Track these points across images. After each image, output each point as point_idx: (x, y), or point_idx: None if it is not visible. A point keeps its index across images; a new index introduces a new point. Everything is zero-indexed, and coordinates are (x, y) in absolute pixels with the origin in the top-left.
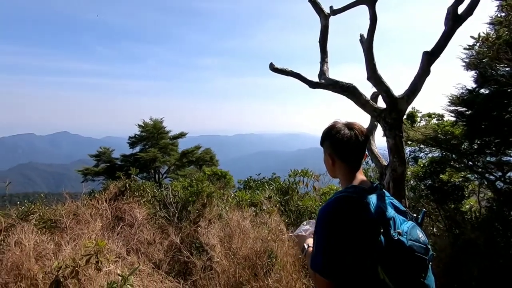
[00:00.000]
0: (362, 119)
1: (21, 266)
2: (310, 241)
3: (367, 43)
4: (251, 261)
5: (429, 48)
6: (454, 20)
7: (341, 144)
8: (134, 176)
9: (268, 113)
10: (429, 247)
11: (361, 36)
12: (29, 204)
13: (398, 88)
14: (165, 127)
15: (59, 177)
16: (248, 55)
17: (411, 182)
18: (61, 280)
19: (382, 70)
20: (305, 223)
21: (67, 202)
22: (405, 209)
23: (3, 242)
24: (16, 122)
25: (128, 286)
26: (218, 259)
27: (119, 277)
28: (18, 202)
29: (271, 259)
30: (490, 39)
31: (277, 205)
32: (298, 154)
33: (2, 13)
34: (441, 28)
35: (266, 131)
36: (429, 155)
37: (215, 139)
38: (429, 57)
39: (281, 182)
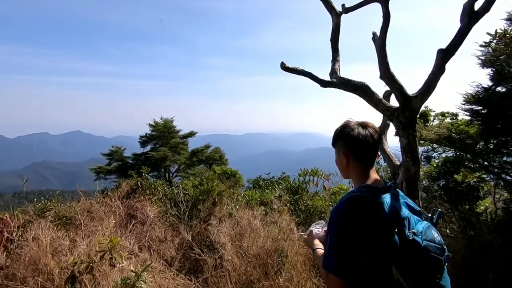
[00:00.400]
0: (373, 118)
1: (38, 261)
2: (317, 242)
3: (380, 41)
4: (262, 260)
5: (443, 45)
6: (470, 17)
7: (356, 143)
8: (146, 175)
9: (277, 112)
10: (444, 247)
11: (374, 34)
12: (45, 201)
13: (411, 87)
14: (175, 127)
15: (72, 175)
16: (257, 55)
17: (424, 182)
18: (77, 275)
19: (394, 68)
20: (314, 225)
21: (81, 199)
22: (419, 209)
23: (21, 237)
24: (31, 122)
25: (141, 282)
26: (230, 257)
27: (133, 273)
28: (35, 199)
29: (282, 258)
30: (508, 35)
31: (287, 204)
32: (308, 154)
33: (16, 15)
34: (456, 25)
35: (275, 130)
36: (442, 155)
37: (224, 138)
38: (444, 55)
39: (291, 182)
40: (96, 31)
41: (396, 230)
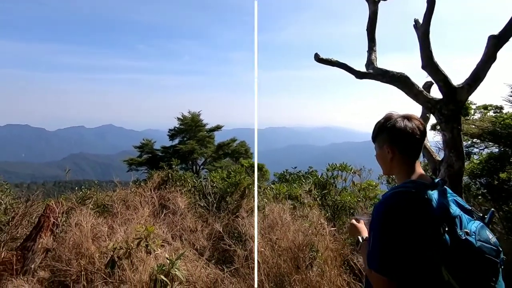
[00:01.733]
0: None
1: (80, 245)
2: (365, 233)
3: (423, 29)
4: (293, 254)
5: (488, 33)
6: None
7: (403, 136)
8: (176, 167)
9: (300, 106)
10: (500, 249)
11: (416, 21)
12: (85, 190)
13: (452, 78)
14: (202, 120)
15: (105, 166)
16: (279, 48)
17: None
18: (116, 260)
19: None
20: (358, 216)
21: (117, 189)
22: (470, 208)
23: (65, 223)
24: (68, 116)
25: (175, 269)
26: (263, 249)
27: (167, 261)
28: (76, 188)
29: (313, 253)
30: None
31: (317, 199)
32: (333, 149)
33: (53, 16)
34: (506, 9)
35: (299, 124)
36: (484, 150)
37: (248, 132)
38: (497, 42)
39: (319, 176)
40: (126, 29)
41: (446, 229)
